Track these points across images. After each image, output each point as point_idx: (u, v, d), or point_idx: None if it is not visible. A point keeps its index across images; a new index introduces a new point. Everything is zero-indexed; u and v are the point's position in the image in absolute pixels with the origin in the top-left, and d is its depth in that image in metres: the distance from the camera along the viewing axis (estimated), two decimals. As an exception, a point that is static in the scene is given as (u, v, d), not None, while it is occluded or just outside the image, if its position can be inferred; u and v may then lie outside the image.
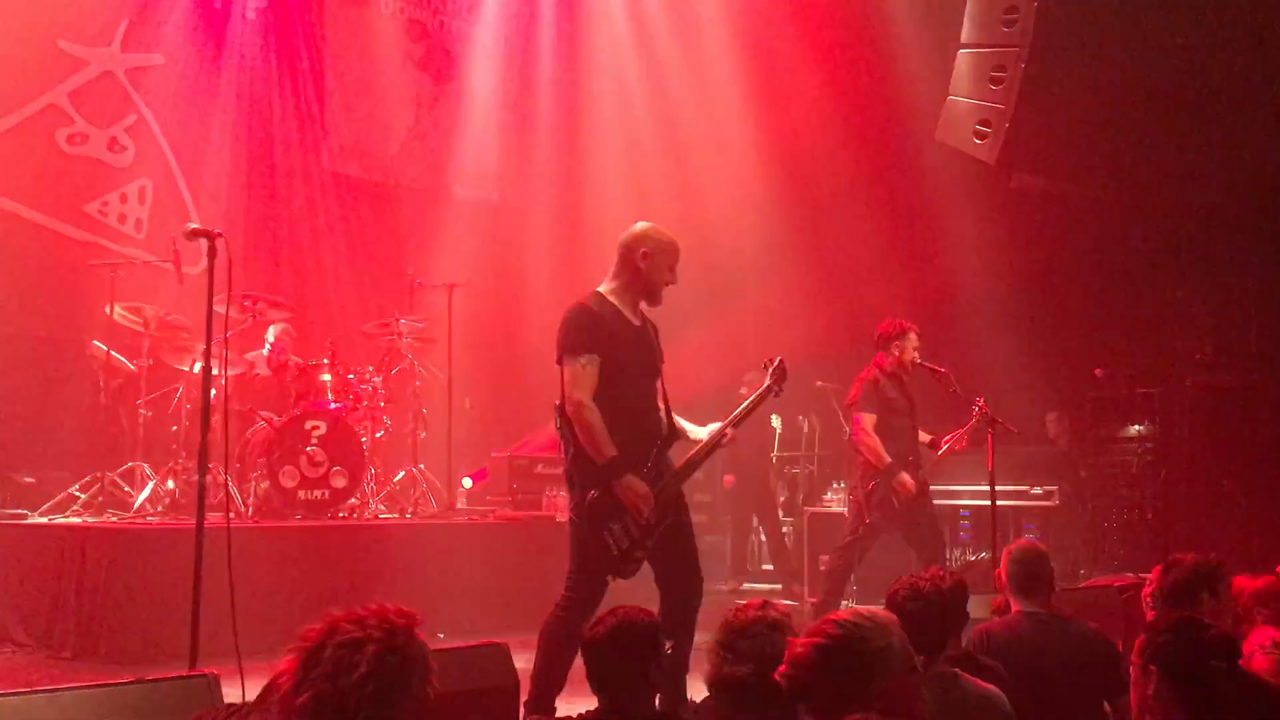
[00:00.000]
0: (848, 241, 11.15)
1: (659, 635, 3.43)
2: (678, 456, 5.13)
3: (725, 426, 5.13)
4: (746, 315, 12.22)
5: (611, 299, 4.96)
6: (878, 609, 2.96)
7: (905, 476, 7.54)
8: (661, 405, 5.03)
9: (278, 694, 2.37)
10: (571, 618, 4.72)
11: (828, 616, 2.81)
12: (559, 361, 4.85)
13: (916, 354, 7.77)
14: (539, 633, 4.88)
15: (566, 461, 4.94)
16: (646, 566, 4.94)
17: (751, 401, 5.29)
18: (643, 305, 5.07)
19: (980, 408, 7.40)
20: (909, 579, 3.86)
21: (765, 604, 3.27)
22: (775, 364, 5.35)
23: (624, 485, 4.67)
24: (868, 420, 7.64)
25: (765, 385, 5.33)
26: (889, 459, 7.56)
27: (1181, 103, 9.72)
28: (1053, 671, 4.18)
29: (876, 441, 7.58)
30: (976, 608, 4.30)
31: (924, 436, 7.89)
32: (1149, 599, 4.62)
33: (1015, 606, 4.49)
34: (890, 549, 7.96)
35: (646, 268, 4.95)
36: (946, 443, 7.76)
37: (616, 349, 4.83)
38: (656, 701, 3.63)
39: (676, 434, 5.09)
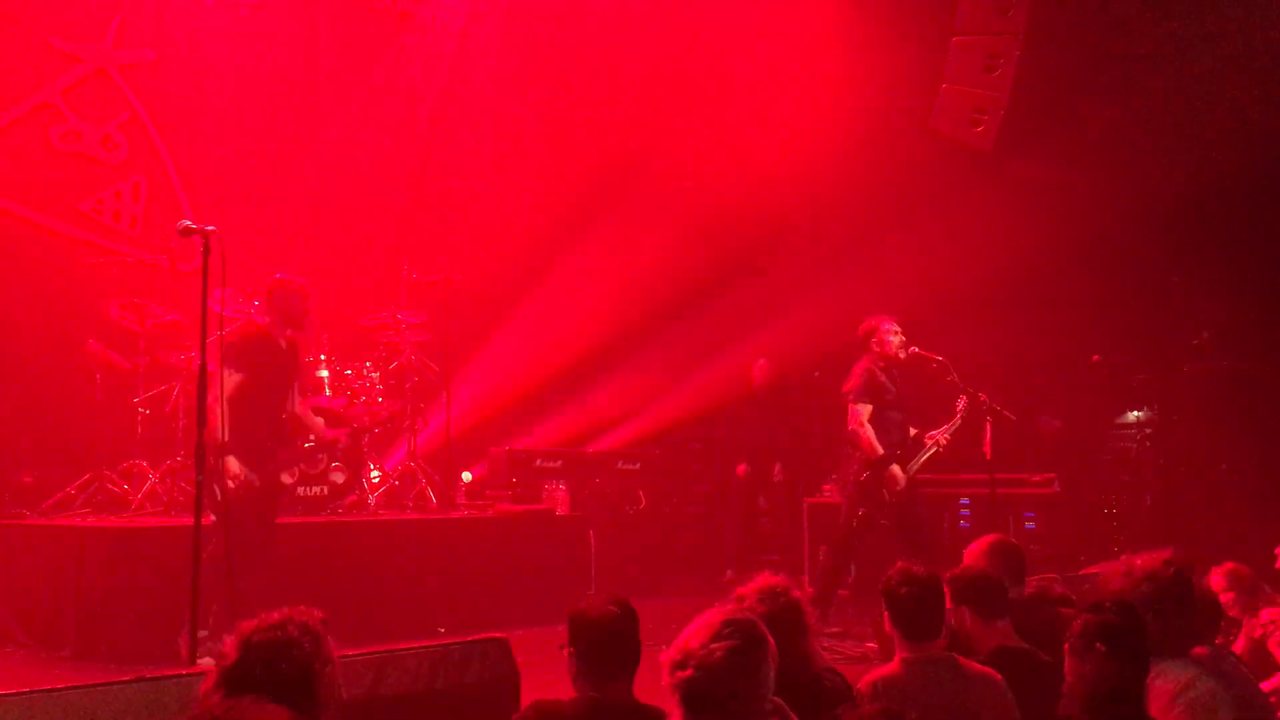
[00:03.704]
0: (843, 231, 11.12)
1: None
2: None
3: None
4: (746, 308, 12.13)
5: (269, 329, 6.80)
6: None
7: (896, 469, 7.54)
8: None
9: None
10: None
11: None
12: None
13: (903, 346, 7.75)
14: None
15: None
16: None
17: None
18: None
19: (963, 405, 7.42)
20: (902, 564, 3.84)
21: None
22: None
23: (227, 463, 6.41)
24: (864, 411, 7.63)
25: None
26: (882, 451, 7.57)
27: (1178, 88, 9.69)
28: None
29: (872, 433, 7.58)
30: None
31: (911, 431, 7.85)
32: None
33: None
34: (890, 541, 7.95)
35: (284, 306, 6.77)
36: (932, 439, 7.71)
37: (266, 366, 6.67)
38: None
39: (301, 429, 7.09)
